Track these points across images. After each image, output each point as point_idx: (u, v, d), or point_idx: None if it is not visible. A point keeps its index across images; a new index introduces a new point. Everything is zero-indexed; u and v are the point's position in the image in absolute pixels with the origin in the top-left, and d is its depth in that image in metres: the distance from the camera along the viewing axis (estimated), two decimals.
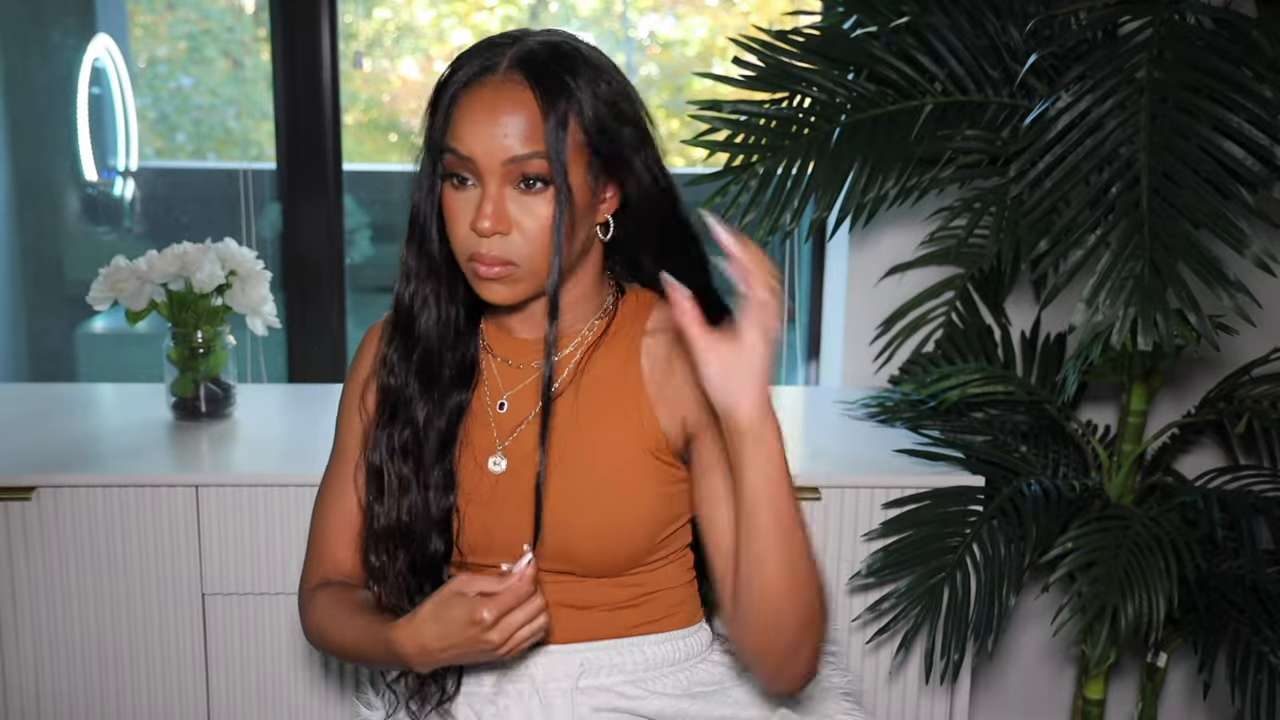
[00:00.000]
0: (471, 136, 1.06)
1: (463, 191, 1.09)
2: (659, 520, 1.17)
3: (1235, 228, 1.46)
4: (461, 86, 1.09)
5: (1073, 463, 1.96)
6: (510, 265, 1.08)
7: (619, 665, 1.19)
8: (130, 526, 1.67)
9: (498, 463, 1.17)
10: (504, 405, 1.19)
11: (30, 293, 2.58)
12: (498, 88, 1.07)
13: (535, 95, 1.06)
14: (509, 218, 1.07)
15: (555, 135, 1.05)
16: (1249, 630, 1.71)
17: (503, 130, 1.05)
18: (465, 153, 1.07)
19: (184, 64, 2.64)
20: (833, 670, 1.35)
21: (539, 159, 1.06)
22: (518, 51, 1.08)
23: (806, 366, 2.41)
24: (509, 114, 1.06)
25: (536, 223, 1.07)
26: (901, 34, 1.75)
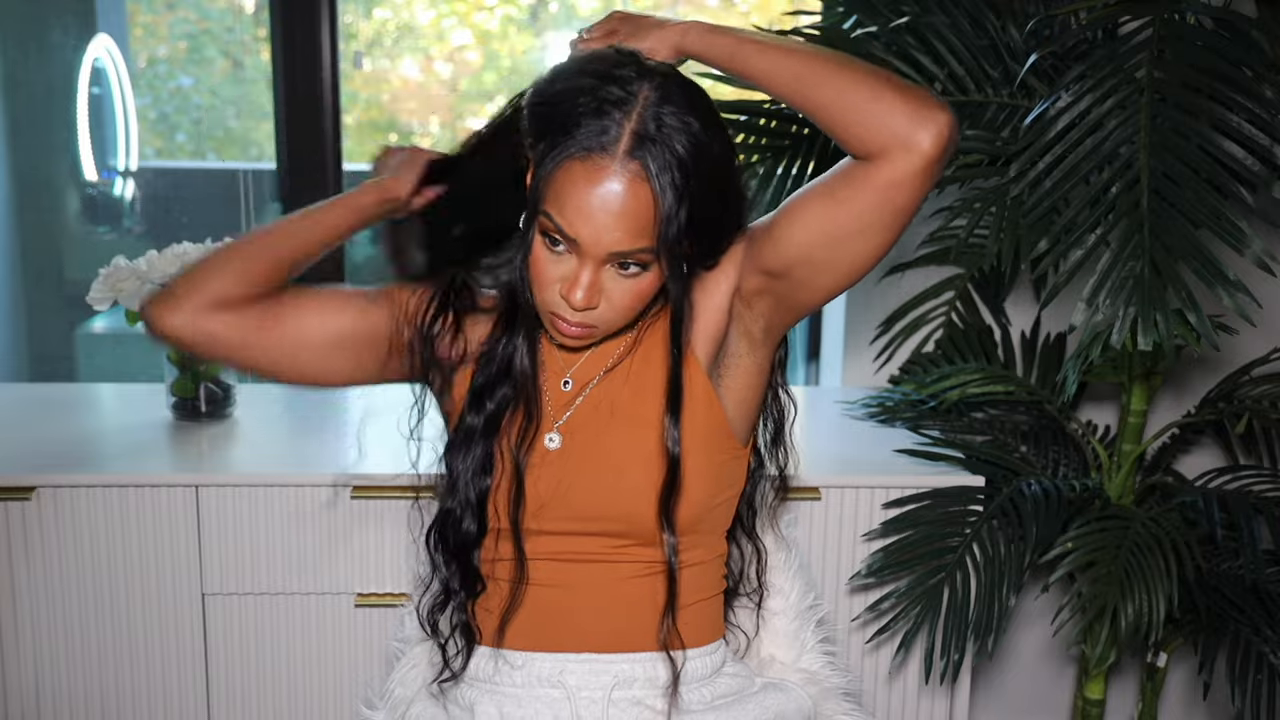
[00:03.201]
0: (580, 221, 1.03)
1: (556, 255, 1.07)
2: (710, 489, 1.18)
3: (1235, 228, 1.46)
4: (569, 154, 1.03)
5: (1073, 463, 1.96)
6: (591, 328, 1.10)
7: (652, 679, 1.19)
8: (130, 526, 1.67)
9: (552, 439, 1.17)
10: (569, 383, 1.20)
11: (30, 293, 2.58)
12: (616, 176, 1.02)
13: (653, 189, 1.02)
14: (602, 293, 1.07)
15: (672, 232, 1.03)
16: (1249, 630, 1.71)
17: (614, 224, 1.03)
18: (570, 233, 1.04)
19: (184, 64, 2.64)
20: (833, 670, 1.36)
21: (646, 254, 1.05)
22: (637, 128, 1.02)
23: (806, 366, 2.41)
24: (624, 207, 1.02)
25: (626, 296, 1.08)
26: (901, 34, 1.75)
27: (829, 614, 1.46)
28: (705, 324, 1.17)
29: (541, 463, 1.17)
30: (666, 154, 1.02)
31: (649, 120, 1.02)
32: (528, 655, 1.19)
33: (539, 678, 1.18)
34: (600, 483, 1.15)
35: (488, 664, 1.20)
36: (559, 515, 1.16)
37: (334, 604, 1.71)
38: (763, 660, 1.34)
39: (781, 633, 1.34)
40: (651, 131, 1.02)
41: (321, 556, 1.69)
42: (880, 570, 1.70)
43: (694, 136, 1.03)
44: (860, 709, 1.34)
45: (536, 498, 1.16)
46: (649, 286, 1.08)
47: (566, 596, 1.18)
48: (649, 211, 1.03)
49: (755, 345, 1.18)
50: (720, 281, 1.16)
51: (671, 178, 1.02)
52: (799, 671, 1.33)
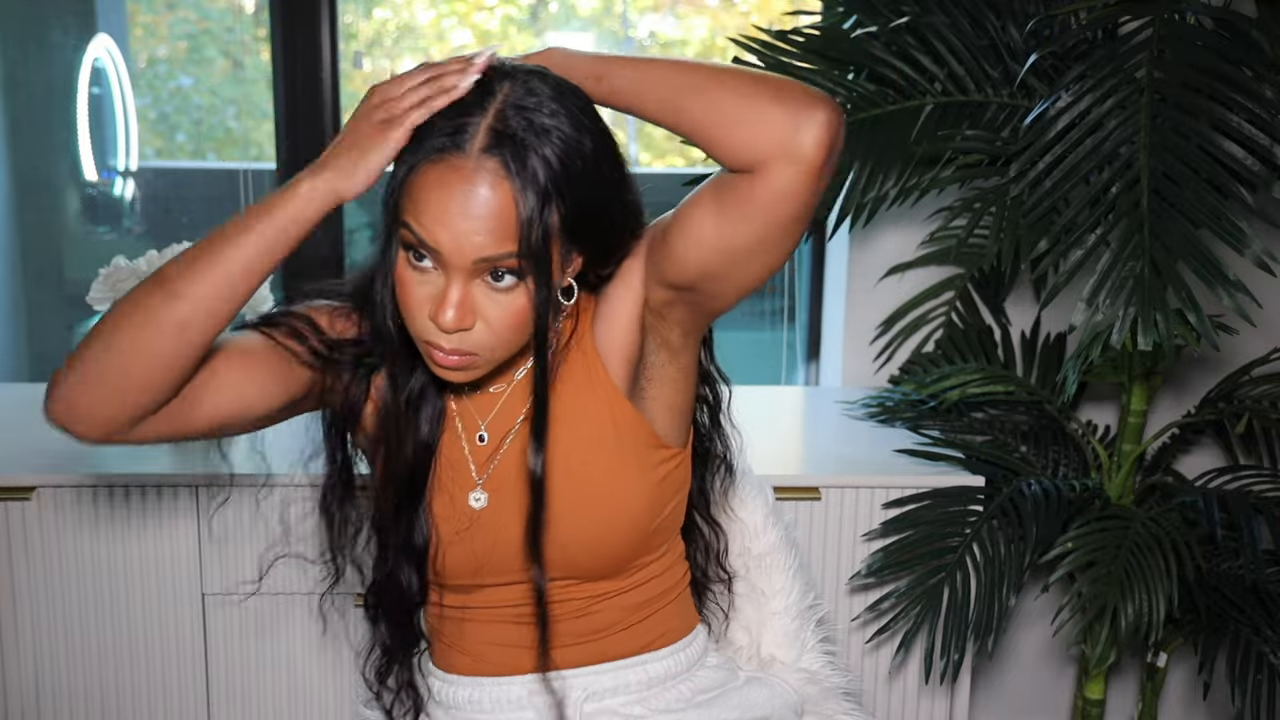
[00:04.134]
0: (439, 226, 0.94)
1: (422, 273, 0.98)
2: (653, 508, 1.14)
3: (1235, 228, 1.46)
4: (426, 157, 0.95)
5: (1073, 463, 1.96)
6: (471, 355, 1.00)
7: (624, 685, 1.18)
8: (130, 526, 1.67)
9: (478, 498, 1.13)
10: (484, 438, 1.14)
11: (30, 293, 2.58)
12: (471, 175, 0.94)
13: (513, 188, 0.94)
14: (474, 312, 0.98)
15: (536, 234, 0.94)
16: (1249, 630, 1.71)
17: (474, 227, 0.94)
18: (430, 242, 0.95)
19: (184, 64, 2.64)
20: (833, 670, 1.36)
21: (513, 258, 0.95)
22: (493, 125, 0.94)
23: (806, 366, 2.41)
24: (485, 209, 0.94)
25: (503, 317, 0.99)
26: (901, 34, 1.75)
27: (829, 614, 1.46)
28: (615, 345, 1.11)
29: (471, 524, 1.12)
30: (528, 151, 0.94)
31: (508, 115, 0.95)
32: (495, 680, 1.17)
33: (509, 701, 1.17)
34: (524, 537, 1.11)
35: (458, 691, 1.19)
36: (496, 570, 1.13)
37: (334, 604, 1.71)
38: (763, 660, 1.34)
39: (781, 633, 1.34)
40: (511, 128, 0.94)
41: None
42: (880, 570, 1.70)
43: (560, 131, 0.95)
44: (860, 709, 1.34)
45: (472, 559, 1.12)
46: (526, 304, 0.98)
47: (521, 629, 1.16)
48: (511, 213, 0.94)
49: (676, 352, 1.11)
50: (624, 297, 1.09)
51: (533, 175, 0.94)
52: (799, 671, 1.33)
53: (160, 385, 0.97)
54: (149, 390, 0.96)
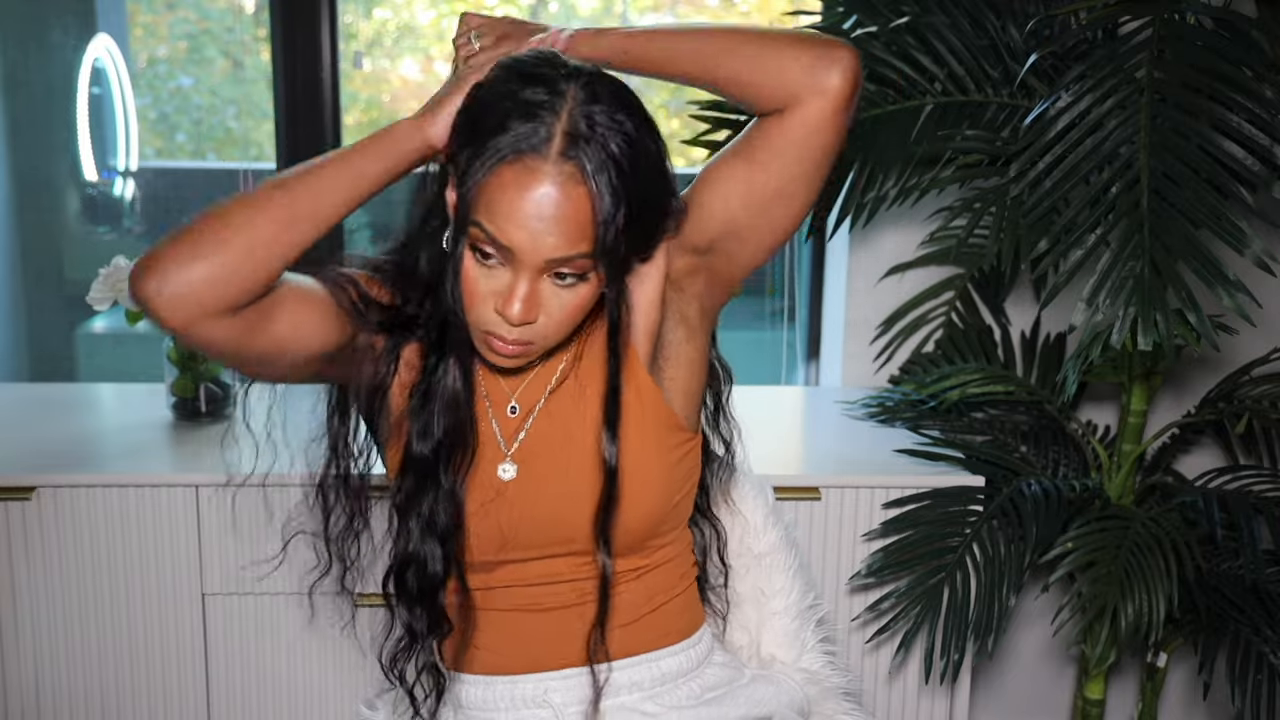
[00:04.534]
0: (513, 228, 0.97)
1: (489, 269, 1.01)
2: (669, 489, 1.15)
3: (1235, 228, 1.46)
4: (503, 158, 0.97)
5: (1073, 463, 1.96)
6: (529, 345, 1.04)
7: (637, 683, 1.18)
8: (130, 526, 1.67)
9: (506, 469, 1.14)
10: (515, 409, 1.16)
11: (30, 293, 2.58)
12: (550, 178, 0.96)
13: (589, 191, 0.97)
14: (538, 310, 1.01)
15: (611, 236, 0.98)
16: (1249, 630, 1.71)
17: (549, 230, 0.97)
18: (505, 242, 0.98)
19: (184, 64, 2.64)
20: (833, 670, 1.35)
21: (586, 258, 0.99)
22: (568, 129, 0.97)
23: (806, 366, 2.40)
24: (561, 211, 0.97)
25: (564, 310, 1.03)
26: (901, 34, 1.75)
27: (829, 614, 1.46)
28: (640, 321, 1.13)
29: (498, 496, 1.13)
30: (602, 154, 0.97)
31: (579, 119, 0.98)
32: (508, 678, 1.17)
33: (524, 699, 1.17)
34: (562, 507, 1.12)
35: (470, 691, 1.19)
36: (523, 544, 1.13)
37: (334, 604, 1.70)
38: (763, 660, 1.34)
39: (781, 633, 1.34)
40: (584, 130, 0.97)
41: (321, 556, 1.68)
42: (880, 570, 1.70)
43: (627, 135, 0.99)
44: (860, 709, 1.34)
45: (498, 532, 1.13)
46: (588, 296, 1.03)
47: (539, 618, 1.16)
48: (586, 214, 0.97)
49: (693, 331, 1.15)
50: (650, 273, 1.12)
51: (608, 178, 0.97)
52: (799, 671, 1.33)
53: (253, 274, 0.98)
54: (242, 276, 0.97)
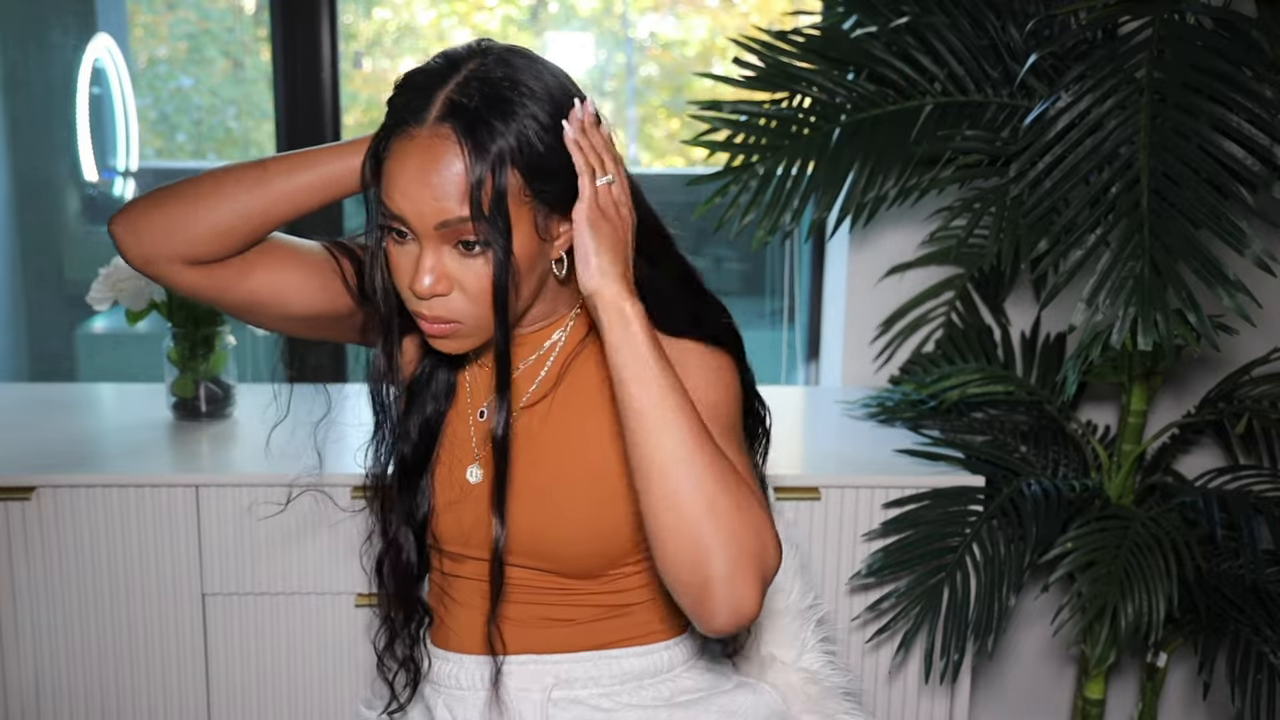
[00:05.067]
0: (401, 196, 1.00)
1: (403, 245, 1.03)
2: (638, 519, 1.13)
3: (1235, 228, 1.46)
4: (391, 132, 1.01)
5: (1073, 463, 1.96)
6: (454, 323, 1.04)
7: (595, 678, 1.18)
8: (130, 526, 1.67)
9: (474, 473, 1.16)
10: (484, 413, 1.18)
11: (30, 293, 2.58)
12: (426, 144, 0.98)
13: (464, 152, 0.97)
14: (449, 278, 1.02)
15: (489, 199, 0.98)
16: (1249, 630, 1.71)
17: (432, 193, 0.98)
18: (396, 211, 1.01)
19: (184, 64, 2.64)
20: (833, 670, 1.36)
21: (469, 223, 0.99)
22: (449, 96, 0.99)
23: (806, 366, 2.41)
24: (437, 175, 0.98)
25: (478, 282, 1.02)
26: (901, 34, 1.75)
27: (829, 614, 1.46)
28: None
29: (463, 497, 1.16)
30: (477, 117, 0.97)
31: (468, 86, 0.99)
32: (474, 658, 1.19)
33: (483, 679, 1.19)
34: (522, 518, 1.13)
35: (442, 666, 1.22)
36: (483, 546, 1.15)
37: (334, 604, 1.71)
38: (763, 660, 1.34)
39: (781, 633, 1.34)
40: (463, 98, 0.98)
41: (321, 556, 1.69)
42: (880, 570, 1.70)
43: (520, 103, 0.99)
44: (860, 709, 1.34)
45: (460, 531, 1.16)
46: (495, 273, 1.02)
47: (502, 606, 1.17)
48: (462, 176, 0.98)
49: None
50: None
51: (482, 140, 0.97)
52: (799, 671, 1.33)
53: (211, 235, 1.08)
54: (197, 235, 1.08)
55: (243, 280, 1.11)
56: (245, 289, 1.12)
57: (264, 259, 1.12)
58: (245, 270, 1.11)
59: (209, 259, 1.09)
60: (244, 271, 1.11)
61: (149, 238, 1.09)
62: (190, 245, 1.08)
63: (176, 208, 1.08)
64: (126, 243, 1.09)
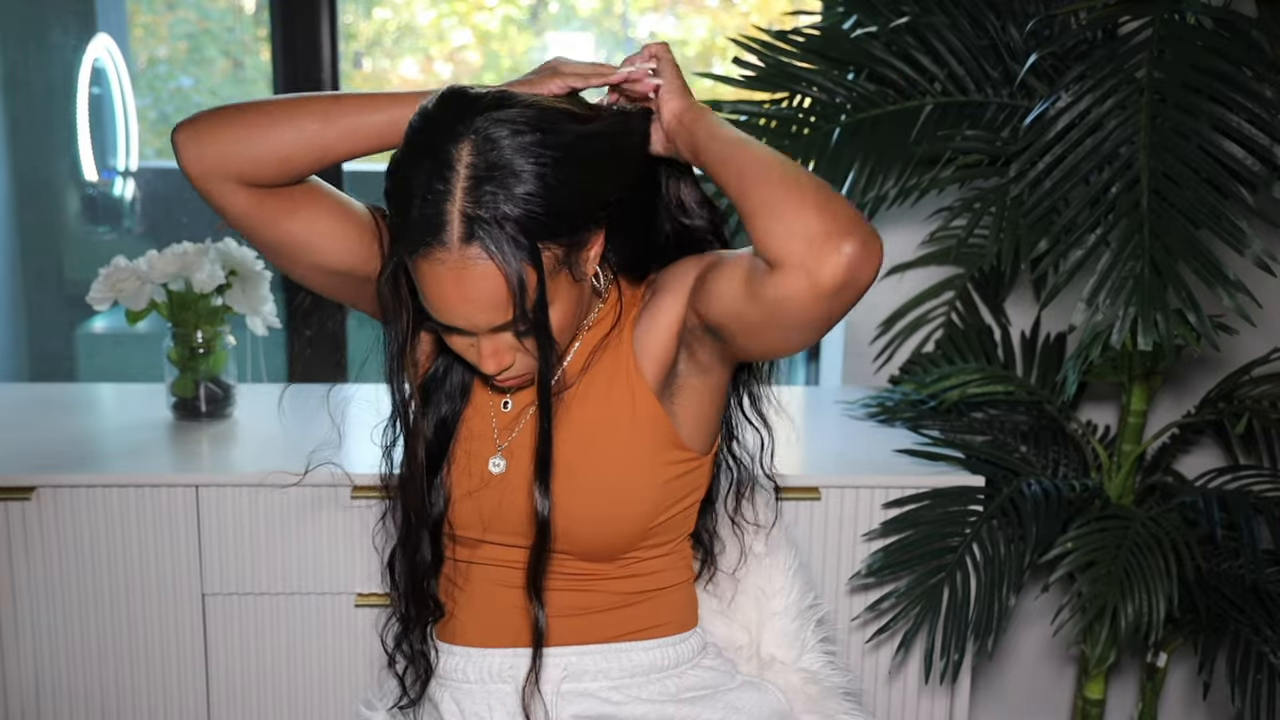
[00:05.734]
0: (448, 313, 1.04)
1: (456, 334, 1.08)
2: (658, 504, 1.17)
3: (1235, 228, 1.46)
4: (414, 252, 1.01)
5: (1073, 463, 1.96)
6: (522, 375, 1.11)
7: (604, 670, 1.19)
8: (130, 526, 1.67)
9: (497, 463, 1.18)
10: (508, 404, 1.20)
11: (30, 293, 2.58)
12: (458, 267, 1.00)
13: (497, 264, 0.99)
14: (511, 351, 1.08)
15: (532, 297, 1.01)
16: (1249, 630, 1.71)
17: (476, 309, 1.02)
18: (448, 323, 1.05)
19: (184, 64, 2.64)
20: (833, 670, 1.36)
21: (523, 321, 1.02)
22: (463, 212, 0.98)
23: (806, 366, 2.41)
24: (478, 293, 1.01)
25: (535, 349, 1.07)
26: (901, 34, 1.75)
27: (829, 614, 1.46)
28: (652, 346, 1.16)
29: (484, 486, 1.17)
30: (499, 227, 0.98)
31: (475, 192, 0.98)
32: (481, 651, 1.20)
33: (490, 672, 1.20)
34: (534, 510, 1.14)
35: (449, 660, 1.22)
36: (504, 530, 1.18)
37: (334, 604, 1.71)
38: (763, 660, 1.34)
39: (781, 633, 1.34)
40: (480, 207, 0.98)
41: (321, 556, 1.69)
42: (880, 570, 1.70)
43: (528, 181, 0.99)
44: (860, 709, 1.34)
45: (479, 518, 1.17)
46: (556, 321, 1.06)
47: (513, 595, 1.19)
48: (503, 287, 1.00)
49: (706, 370, 1.15)
50: (669, 307, 1.15)
51: (507, 246, 0.98)
52: (799, 671, 1.33)
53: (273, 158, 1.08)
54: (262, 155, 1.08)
55: (287, 217, 1.12)
56: (286, 226, 1.12)
57: (310, 201, 1.13)
58: (291, 207, 1.12)
59: (264, 182, 1.09)
60: (290, 208, 1.12)
61: (213, 149, 1.08)
62: (252, 165, 1.08)
63: (245, 124, 1.08)
64: (189, 153, 1.08)
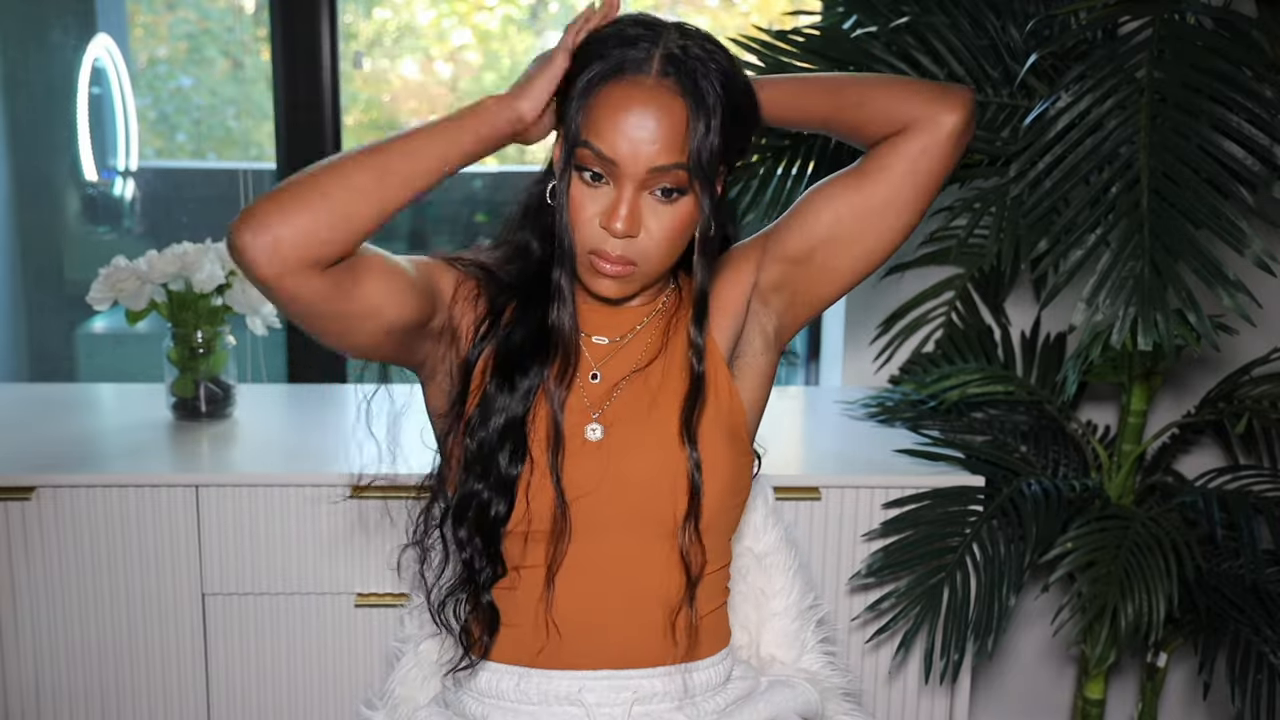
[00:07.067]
0: (619, 137, 1.05)
1: (594, 189, 1.08)
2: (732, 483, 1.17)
3: (1235, 228, 1.46)
4: (605, 79, 1.06)
5: (1073, 463, 1.96)
6: (631, 265, 1.10)
7: (669, 692, 1.18)
8: (130, 526, 1.67)
9: (594, 429, 1.15)
10: (597, 376, 1.18)
11: (30, 293, 2.58)
12: (652, 92, 1.06)
13: (687, 105, 1.06)
14: (642, 221, 1.08)
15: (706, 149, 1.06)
16: (1249, 630, 1.71)
17: (651, 137, 1.05)
18: (609, 154, 1.06)
19: (184, 64, 2.64)
20: (833, 670, 1.36)
21: (682, 170, 1.06)
22: (666, 52, 1.07)
23: (806, 366, 2.41)
24: (660, 122, 1.05)
25: (664, 229, 1.09)
26: (901, 34, 1.75)
27: (829, 614, 1.46)
28: (725, 314, 1.20)
29: (581, 452, 1.14)
30: (697, 75, 1.06)
31: (675, 46, 1.07)
32: (547, 673, 1.17)
33: (557, 695, 1.16)
34: (645, 472, 1.14)
35: (503, 680, 1.18)
36: (598, 504, 1.13)
37: (334, 604, 1.71)
38: (763, 660, 1.34)
39: (781, 633, 1.34)
40: (681, 55, 1.07)
41: (321, 556, 1.69)
42: (880, 570, 1.70)
43: (720, 65, 1.08)
44: (860, 709, 1.34)
45: (577, 486, 1.13)
46: (686, 215, 1.09)
47: (586, 613, 1.16)
48: (682, 126, 1.05)
49: (768, 345, 1.22)
50: (740, 279, 1.20)
51: (703, 96, 1.06)
52: (799, 671, 1.33)
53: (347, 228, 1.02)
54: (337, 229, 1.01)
55: (358, 286, 1.05)
56: (358, 295, 1.05)
57: (366, 265, 1.06)
58: (357, 276, 1.05)
59: (333, 258, 1.02)
60: (354, 278, 1.04)
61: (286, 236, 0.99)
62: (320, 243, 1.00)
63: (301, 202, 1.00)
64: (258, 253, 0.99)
